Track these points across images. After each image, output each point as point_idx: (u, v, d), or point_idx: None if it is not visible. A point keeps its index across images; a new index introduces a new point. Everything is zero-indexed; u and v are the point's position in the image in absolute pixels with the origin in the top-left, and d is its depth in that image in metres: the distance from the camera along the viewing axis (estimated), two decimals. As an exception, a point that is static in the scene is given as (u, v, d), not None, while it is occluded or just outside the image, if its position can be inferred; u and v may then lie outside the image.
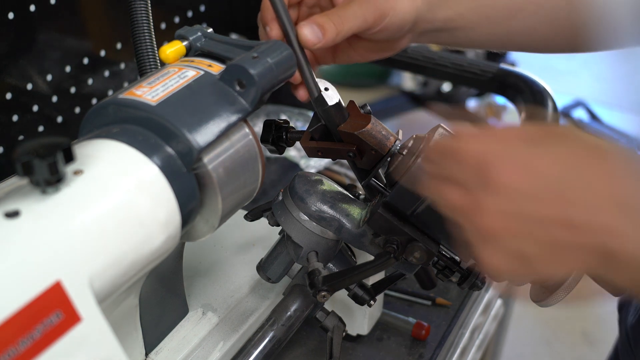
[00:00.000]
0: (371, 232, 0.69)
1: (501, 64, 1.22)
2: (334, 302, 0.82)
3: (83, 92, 1.04)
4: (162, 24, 1.15)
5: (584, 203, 0.49)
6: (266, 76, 0.62)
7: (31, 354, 0.47)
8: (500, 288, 1.14)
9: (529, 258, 0.51)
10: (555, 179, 0.50)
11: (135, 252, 0.55)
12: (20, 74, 0.94)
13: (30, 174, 0.49)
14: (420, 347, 0.84)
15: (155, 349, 0.72)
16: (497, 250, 0.52)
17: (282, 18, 0.65)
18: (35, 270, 0.48)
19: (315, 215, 0.69)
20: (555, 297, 0.65)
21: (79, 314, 0.50)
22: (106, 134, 0.58)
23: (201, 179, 0.61)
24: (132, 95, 0.60)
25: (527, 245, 0.51)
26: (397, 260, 0.67)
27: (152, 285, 0.67)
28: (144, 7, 0.71)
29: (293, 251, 0.72)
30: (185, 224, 0.60)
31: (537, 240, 0.51)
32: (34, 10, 0.92)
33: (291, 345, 0.80)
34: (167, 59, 0.66)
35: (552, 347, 2.29)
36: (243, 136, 0.64)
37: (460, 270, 0.68)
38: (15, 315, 0.46)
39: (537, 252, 0.51)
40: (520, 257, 0.51)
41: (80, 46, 1.04)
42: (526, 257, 0.51)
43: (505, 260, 0.52)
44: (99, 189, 0.54)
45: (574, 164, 0.51)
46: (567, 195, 0.50)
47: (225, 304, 0.80)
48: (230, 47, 0.66)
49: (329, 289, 0.67)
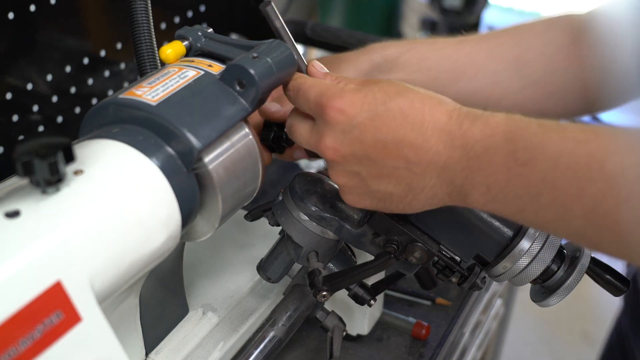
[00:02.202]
0: (371, 232, 0.69)
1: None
2: (334, 302, 0.82)
3: (83, 92, 1.04)
4: (162, 24, 1.15)
5: (411, 129, 0.57)
6: (266, 76, 0.62)
7: (31, 354, 0.47)
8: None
9: (364, 177, 0.60)
10: (382, 106, 0.58)
11: (136, 252, 0.55)
12: (20, 74, 0.94)
13: (31, 174, 0.49)
14: (420, 347, 0.84)
15: (155, 349, 0.72)
16: (339, 171, 0.62)
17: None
18: (36, 270, 0.48)
19: (315, 215, 0.69)
20: (555, 297, 0.65)
21: (79, 313, 0.50)
22: (106, 134, 0.58)
23: (201, 179, 0.61)
24: (133, 95, 0.60)
25: (359, 166, 0.60)
26: (397, 260, 0.67)
27: (152, 285, 0.67)
28: (144, 7, 0.71)
29: (293, 251, 0.72)
30: (185, 224, 0.60)
31: (365, 161, 0.59)
32: (34, 10, 0.92)
33: (291, 345, 0.80)
34: (167, 59, 0.66)
35: (552, 347, 2.29)
36: (243, 136, 0.64)
37: (460, 270, 0.68)
38: (15, 315, 0.46)
39: (368, 172, 0.60)
40: (357, 175, 0.61)
41: (80, 46, 1.04)
42: (361, 176, 0.60)
43: (346, 179, 0.62)
44: (99, 189, 0.54)
45: (400, 94, 0.59)
46: (391, 123, 0.58)
47: (225, 304, 0.79)
48: (230, 47, 0.66)
49: (329, 289, 0.67)
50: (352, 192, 0.62)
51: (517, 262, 0.64)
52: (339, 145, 0.60)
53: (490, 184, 0.55)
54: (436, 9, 3.10)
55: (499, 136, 0.55)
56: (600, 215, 0.51)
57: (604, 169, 0.51)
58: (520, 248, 0.64)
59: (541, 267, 0.64)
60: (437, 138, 0.57)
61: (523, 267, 0.64)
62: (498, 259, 0.65)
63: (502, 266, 0.65)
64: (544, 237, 0.64)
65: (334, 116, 0.59)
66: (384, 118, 0.58)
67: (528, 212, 0.55)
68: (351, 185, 0.62)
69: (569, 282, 0.64)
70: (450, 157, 0.57)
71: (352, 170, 0.61)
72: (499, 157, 0.54)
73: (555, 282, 0.65)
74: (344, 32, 1.33)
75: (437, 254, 0.67)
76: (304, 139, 0.64)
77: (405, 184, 0.59)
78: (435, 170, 0.57)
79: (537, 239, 0.64)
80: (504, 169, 0.54)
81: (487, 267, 0.66)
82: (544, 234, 0.64)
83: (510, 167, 0.54)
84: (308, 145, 0.63)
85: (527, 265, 0.64)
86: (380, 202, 0.62)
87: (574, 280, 0.64)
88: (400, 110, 0.58)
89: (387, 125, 0.58)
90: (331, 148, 0.60)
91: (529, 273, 0.64)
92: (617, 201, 0.51)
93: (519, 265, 0.64)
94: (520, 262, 0.64)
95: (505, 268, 0.65)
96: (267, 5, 0.66)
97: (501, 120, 0.56)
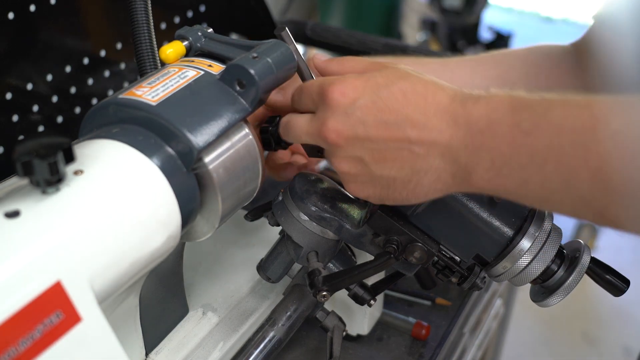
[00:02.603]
0: (371, 232, 0.69)
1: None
2: (334, 302, 0.82)
3: (83, 92, 1.04)
4: (162, 24, 1.15)
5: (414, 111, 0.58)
6: (266, 76, 0.62)
7: (31, 354, 0.47)
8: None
9: (367, 162, 0.60)
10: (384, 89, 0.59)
11: (135, 252, 0.55)
12: (20, 74, 0.94)
13: (31, 174, 0.49)
14: (420, 347, 0.84)
15: (155, 349, 0.72)
16: (341, 158, 0.61)
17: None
18: (36, 270, 0.48)
19: (315, 215, 0.69)
20: (555, 297, 0.65)
21: (79, 313, 0.50)
22: (106, 134, 0.58)
23: (201, 179, 0.61)
24: (133, 95, 0.60)
25: (362, 150, 0.60)
26: (397, 260, 0.67)
27: (152, 285, 0.67)
28: (144, 7, 0.71)
29: (293, 251, 0.72)
30: (185, 224, 0.60)
31: (367, 143, 0.59)
32: (34, 10, 0.92)
33: (291, 345, 0.80)
34: (167, 59, 0.66)
35: (552, 347, 2.29)
36: (243, 136, 0.64)
37: (460, 270, 0.68)
38: (15, 315, 0.46)
39: (371, 157, 0.60)
40: (360, 161, 0.60)
41: (80, 46, 1.04)
42: (364, 161, 0.60)
43: (349, 165, 0.61)
44: (99, 189, 0.54)
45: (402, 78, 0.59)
46: (393, 105, 0.58)
47: (225, 304, 0.79)
48: (230, 47, 0.66)
49: (329, 289, 0.67)
50: (356, 179, 0.62)
51: (517, 262, 0.64)
52: (342, 127, 0.60)
53: (494, 157, 0.55)
54: (436, 9, 3.10)
55: (502, 109, 0.55)
56: (607, 175, 0.51)
57: (608, 128, 0.51)
58: (520, 248, 0.64)
59: (541, 267, 0.64)
60: (439, 118, 0.57)
61: (523, 267, 0.64)
62: (498, 259, 0.65)
63: (502, 266, 0.65)
64: (544, 237, 0.64)
65: (336, 98, 0.59)
66: (385, 100, 0.58)
67: (533, 182, 0.55)
68: (354, 173, 0.62)
69: (569, 282, 0.64)
70: (454, 136, 0.57)
71: (355, 155, 0.60)
72: (503, 128, 0.55)
73: (555, 282, 0.65)
74: (344, 32, 1.33)
75: (437, 254, 0.67)
76: (303, 131, 0.64)
77: (409, 167, 0.59)
78: (439, 149, 0.57)
79: (537, 238, 0.64)
80: (509, 140, 0.54)
81: (487, 267, 0.66)
82: (544, 233, 0.64)
83: (515, 138, 0.54)
84: (307, 136, 0.63)
85: (527, 265, 0.64)
86: (383, 189, 0.61)
87: (574, 280, 0.64)
88: (402, 93, 0.58)
89: (389, 106, 0.58)
90: (333, 130, 0.60)
91: (528, 273, 0.64)
92: (623, 160, 0.51)
93: (519, 265, 0.64)
94: (520, 262, 0.64)
95: (505, 268, 0.65)
96: (282, 30, 0.67)
97: (505, 96, 0.56)
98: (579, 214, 0.60)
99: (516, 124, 0.54)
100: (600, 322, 2.41)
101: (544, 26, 4.72)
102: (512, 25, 3.49)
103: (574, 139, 0.52)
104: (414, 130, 0.58)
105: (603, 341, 2.32)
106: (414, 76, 0.60)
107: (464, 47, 3.05)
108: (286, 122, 0.66)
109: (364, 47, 1.31)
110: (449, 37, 3.06)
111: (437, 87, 0.59)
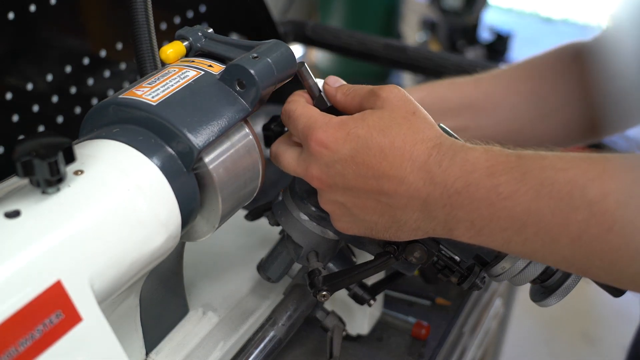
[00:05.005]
0: (371, 232, 0.69)
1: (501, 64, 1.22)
2: (334, 302, 0.82)
3: (83, 92, 1.04)
4: (163, 24, 1.15)
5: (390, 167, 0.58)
6: (266, 76, 0.62)
7: (31, 354, 0.47)
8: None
9: (349, 207, 0.62)
10: (363, 144, 0.59)
11: (136, 252, 0.55)
12: (20, 74, 0.94)
13: (31, 174, 0.49)
14: (420, 347, 0.84)
15: (155, 348, 0.72)
16: (326, 200, 0.63)
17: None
18: (36, 270, 0.48)
19: (315, 215, 0.69)
20: (554, 297, 0.65)
21: (79, 313, 0.50)
22: (106, 134, 0.58)
23: (201, 179, 0.61)
24: (133, 95, 0.60)
25: (343, 197, 0.62)
26: (397, 260, 0.67)
27: (152, 285, 0.67)
28: (144, 7, 0.71)
29: (293, 251, 0.72)
30: (185, 224, 0.60)
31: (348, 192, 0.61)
32: (34, 10, 0.92)
33: (291, 345, 0.80)
34: (168, 59, 0.66)
35: (552, 347, 2.29)
36: (243, 136, 0.65)
37: (460, 270, 0.68)
38: (15, 315, 0.46)
39: (353, 203, 0.61)
40: (342, 205, 0.62)
41: (80, 46, 1.04)
42: (346, 206, 0.62)
43: (333, 207, 0.63)
44: (99, 189, 0.54)
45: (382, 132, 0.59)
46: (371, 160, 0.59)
47: (225, 304, 0.80)
48: (231, 47, 0.66)
49: (329, 288, 0.67)
50: (340, 219, 0.64)
51: (516, 262, 0.64)
52: (324, 177, 0.61)
53: (474, 219, 0.56)
54: (436, 10, 3.10)
55: (479, 172, 0.56)
56: (586, 242, 0.52)
57: (585, 196, 0.51)
58: (520, 248, 0.64)
59: (540, 267, 0.64)
60: (416, 175, 0.58)
61: (522, 267, 0.64)
62: (497, 259, 0.65)
63: (501, 266, 0.65)
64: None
65: (317, 149, 0.61)
66: (364, 156, 0.59)
67: (515, 243, 0.56)
68: (339, 213, 0.64)
69: (569, 282, 0.64)
70: (431, 194, 0.57)
71: (337, 200, 0.62)
72: (481, 192, 0.55)
73: (554, 282, 0.65)
74: (344, 33, 1.34)
75: (436, 254, 0.67)
76: (291, 167, 0.65)
77: (389, 216, 0.60)
78: (417, 204, 0.58)
79: (536, 239, 0.64)
80: (487, 203, 0.55)
81: (486, 267, 0.66)
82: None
83: (494, 202, 0.55)
84: (295, 173, 0.65)
85: (527, 266, 0.64)
86: (367, 230, 0.63)
87: (574, 280, 0.64)
88: (380, 149, 0.59)
89: (366, 162, 0.59)
90: (317, 178, 0.62)
91: (528, 273, 0.64)
92: (601, 228, 0.51)
93: (518, 265, 0.64)
94: (520, 262, 0.64)
95: (504, 268, 0.65)
96: (301, 67, 0.67)
97: (480, 155, 0.57)
98: (565, 269, 0.61)
99: (494, 187, 0.55)
100: (600, 322, 2.41)
101: (543, 26, 4.71)
102: (512, 25, 3.49)
103: (552, 205, 0.53)
104: (392, 186, 0.59)
105: (603, 341, 2.32)
106: (396, 129, 0.60)
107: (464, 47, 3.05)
108: (275, 153, 0.67)
109: (364, 48, 1.31)
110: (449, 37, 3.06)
111: (417, 140, 0.59)
